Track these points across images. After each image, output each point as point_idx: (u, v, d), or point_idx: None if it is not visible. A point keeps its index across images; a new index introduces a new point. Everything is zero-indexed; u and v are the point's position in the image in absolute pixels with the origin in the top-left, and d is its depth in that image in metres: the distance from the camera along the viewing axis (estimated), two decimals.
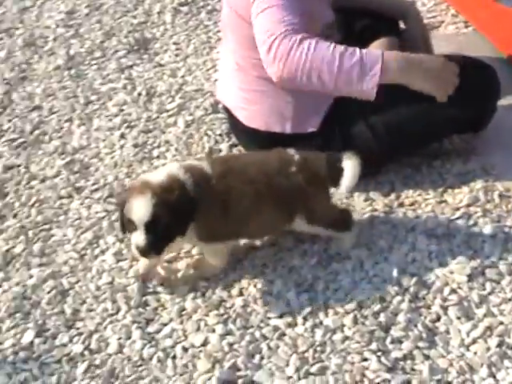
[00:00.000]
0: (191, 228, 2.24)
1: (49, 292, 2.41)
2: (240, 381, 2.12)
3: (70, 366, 2.20)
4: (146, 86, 3.18)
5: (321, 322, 2.25)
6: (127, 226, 2.21)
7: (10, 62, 3.34)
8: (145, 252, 2.18)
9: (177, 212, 2.16)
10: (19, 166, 2.88)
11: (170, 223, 2.16)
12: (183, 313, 2.31)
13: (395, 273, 2.33)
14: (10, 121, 3.06)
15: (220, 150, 2.83)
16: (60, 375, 2.18)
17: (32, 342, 2.26)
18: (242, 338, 2.22)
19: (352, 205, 2.57)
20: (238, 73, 2.63)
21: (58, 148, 2.94)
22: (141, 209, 2.14)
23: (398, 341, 2.17)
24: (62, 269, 2.48)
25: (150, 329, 2.26)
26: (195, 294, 2.35)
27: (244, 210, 2.30)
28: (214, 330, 2.25)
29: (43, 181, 2.81)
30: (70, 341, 2.26)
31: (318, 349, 2.18)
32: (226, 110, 2.77)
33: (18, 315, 2.34)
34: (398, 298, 2.27)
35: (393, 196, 2.60)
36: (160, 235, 2.17)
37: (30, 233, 2.61)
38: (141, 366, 2.19)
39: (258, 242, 2.48)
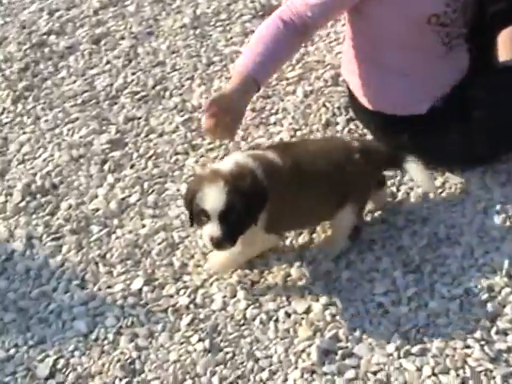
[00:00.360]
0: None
1: (159, 243, 2.48)
2: (340, 352, 2.15)
3: (175, 317, 2.26)
4: None
5: (425, 304, 2.24)
6: (198, 218, 2.13)
7: (138, 17, 3.40)
8: (219, 243, 2.10)
9: (250, 200, 2.09)
10: (139, 118, 2.94)
11: (243, 211, 2.09)
12: (288, 279, 2.34)
13: (506, 264, 2.30)
14: (133, 74, 3.13)
15: (337, 123, 2.82)
16: (165, 324, 2.25)
17: (140, 290, 2.34)
18: (345, 311, 2.23)
19: (467, 191, 2.54)
20: (351, 54, 2.67)
21: (178, 105, 2.99)
22: (215, 197, 2.07)
23: (503, 332, 2.15)
24: (173, 222, 2.54)
25: (255, 290, 2.31)
26: (301, 263, 2.37)
27: (313, 201, 2.25)
28: (317, 300, 2.27)
29: (161, 135, 2.87)
30: (177, 293, 2.32)
31: (421, 330, 2.18)
32: (347, 85, 2.78)
33: (129, 262, 2.42)
34: (507, 289, 2.24)
35: (510, 187, 2.56)
36: (235, 224, 2.10)
37: (146, 184, 2.68)
38: (243, 325, 2.23)
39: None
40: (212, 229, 2.08)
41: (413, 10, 2.45)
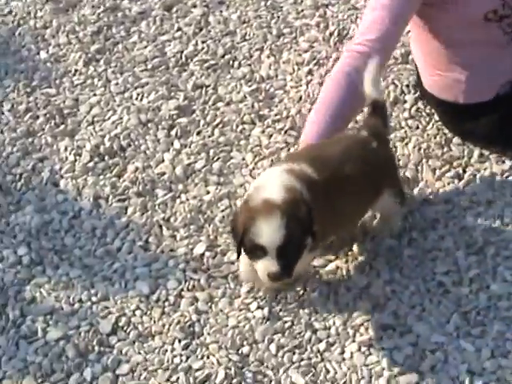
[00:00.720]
0: None
1: (223, 210, 2.50)
2: (398, 328, 2.15)
3: (235, 284, 2.29)
4: (339, 27, 3.17)
5: (487, 287, 2.23)
6: (252, 252, 2.03)
7: None
8: (278, 278, 2.02)
9: (306, 227, 2.02)
10: (208, 86, 2.96)
11: (300, 241, 2.03)
12: (349, 253, 2.34)
13: None
14: (203, 42, 3.14)
15: (405, 101, 2.81)
16: (225, 290, 2.28)
17: (203, 255, 2.37)
18: (405, 288, 2.24)
19: None
20: (415, 46, 2.70)
21: (246, 75, 3.00)
22: (272, 232, 1.96)
23: None
24: (237, 190, 2.56)
25: (316, 262, 2.32)
26: (363, 238, 2.38)
27: (352, 203, 2.18)
28: (378, 275, 2.28)
29: (228, 104, 2.88)
30: (238, 259, 2.35)
31: (482, 312, 2.17)
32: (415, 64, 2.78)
33: (192, 227, 2.46)
34: None
35: None
36: (292, 256, 2.02)
37: (211, 152, 2.70)
38: (303, 295, 2.25)
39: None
40: (270, 264, 1.99)
41: (470, 9, 2.45)
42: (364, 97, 2.29)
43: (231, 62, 3.06)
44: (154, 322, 2.23)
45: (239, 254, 2.09)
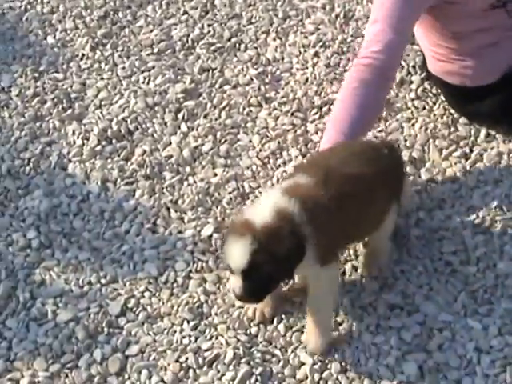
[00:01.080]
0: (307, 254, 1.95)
1: (230, 192, 2.52)
2: (406, 308, 2.16)
3: None
4: (345, 9, 3.17)
5: (494, 265, 2.25)
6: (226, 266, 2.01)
7: None
8: (241, 299, 1.98)
9: (282, 259, 1.88)
10: (214, 69, 2.96)
11: (273, 271, 1.90)
12: None
13: None
14: (209, 25, 3.14)
15: (411, 82, 2.81)
16: None
17: (210, 236, 2.38)
18: (413, 268, 2.25)
19: None
20: (420, 33, 2.68)
21: (253, 57, 3.00)
22: (237, 255, 1.88)
23: None
24: (244, 172, 2.57)
25: None
26: None
27: (362, 214, 2.07)
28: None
29: (235, 87, 2.89)
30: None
31: (489, 290, 2.18)
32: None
33: (200, 209, 2.47)
34: None
35: None
36: (260, 283, 1.92)
37: (218, 134, 2.71)
38: None
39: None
40: (235, 284, 1.93)
41: (477, 3, 2.47)
42: (378, 105, 2.34)
43: (237, 45, 3.06)
44: (163, 303, 2.25)
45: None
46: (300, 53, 3.00)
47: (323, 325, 2.08)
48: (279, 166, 2.58)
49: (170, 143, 2.69)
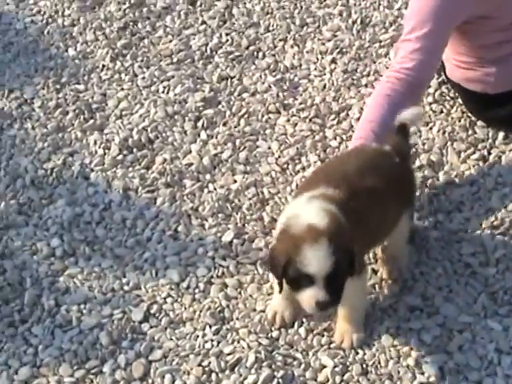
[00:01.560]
0: None
1: (250, 198, 2.54)
2: (426, 309, 2.18)
3: (263, 270, 2.33)
4: (362, 15, 3.19)
5: None
6: (296, 281, 1.94)
7: None
8: (327, 307, 1.95)
9: (349, 253, 1.93)
10: (233, 77, 3.00)
11: (347, 269, 1.94)
12: None
13: None
14: (227, 34, 3.18)
15: (429, 86, 2.82)
16: (254, 276, 2.32)
17: (231, 242, 2.41)
18: (433, 269, 2.26)
19: None
20: None
21: (271, 65, 3.03)
22: (322, 260, 1.87)
23: None
24: (263, 179, 2.60)
25: None
26: None
27: (384, 222, 2.12)
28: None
29: (254, 94, 2.92)
30: (266, 246, 2.38)
31: (509, 292, 2.19)
32: None
33: (220, 215, 2.50)
34: None
35: None
36: (341, 283, 1.94)
37: (238, 141, 2.74)
38: None
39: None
40: (317, 293, 1.90)
41: (504, 20, 2.48)
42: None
43: (255, 53, 3.09)
44: (185, 308, 2.28)
45: (281, 286, 2.00)
46: (317, 59, 3.03)
47: (358, 321, 2.13)
48: (298, 171, 2.61)
49: (190, 151, 2.72)
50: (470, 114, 2.69)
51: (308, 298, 1.92)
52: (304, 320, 2.19)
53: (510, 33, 2.49)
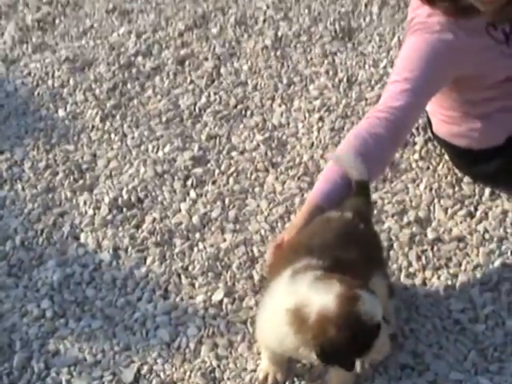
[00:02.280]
0: None
1: (240, 257, 2.55)
2: (417, 367, 2.17)
3: (254, 328, 2.33)
4: (348, 73, 3.25)
5: (503, 323, 2.26)
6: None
7: (221, 38, 3.50)
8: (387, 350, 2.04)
9: None
10: (221, 136, 3.03)
11: None
12: None
13: None
14: (215, 93, 3.22)
15: (415, 143, 2.87)
16: (244, 335, 2.32)
17: (221, 301, 2.41)
18: (422, 326, 2.26)
19: None
20: None
21: (259, 123, 3.07)
22: (378, 309, 1.88)
23: None
24: (253, 237, 2.61)
25: None
26: None
27: None
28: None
29: (242, 153, 2.95)
30: (256, 305, 2.37)
31: (499, 348, 2.19)
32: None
33: (210, 274, 2.50)
34: None
35: None
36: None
37: (227, 200, 2.76)
38: None
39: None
40: (382, 343, 1.93)
41: (494, 78, 2.50)
42: (380, 161, 2.31)
43: (243, 112, 3.14)
44: (176, 369, 2.27)
45: (353, 364, 1.94)
46: (305, 117, 3.08)
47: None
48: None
49: (180, 210, 2.74)
50: (456, 170, 2.73)
51: (376, 352, 1.93)
52: (295, 379, 2.19)
53: (497, 90, 2.51)
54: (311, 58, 3.36)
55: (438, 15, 2.32)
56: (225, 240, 2.62)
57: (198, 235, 2.64)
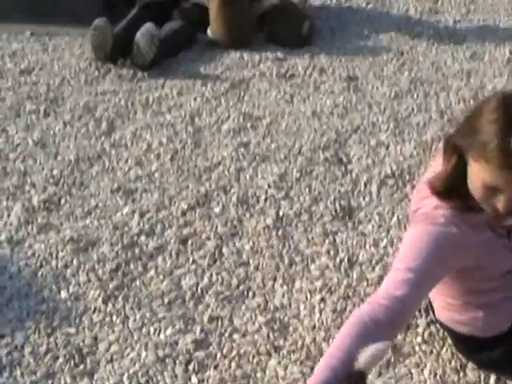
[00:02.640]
0: None
1: None
2: None
3: None
4: (349, 253, 3.29)
5: None
6: None
7: (223, 217, 3.57)
8: None
9: None
10: (223, 318, 3.03)
11: None
12: None
13: None
14: (218, 274, 3.25)
15: (417, 326, 2.86)
16: None
17: None
18: None
19: None
20: None
21: (261, 305, 3.07)
22: None
23: None
24: None
25: None
26: None
27: None
28: None
29: (244, 335, 2.94)
30: None
31: None
32: None
33: None
34: None
35: None
36: None
37: None
38: None
39: None
40: None
41: (497, 270, 2.52)
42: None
43: (245, 293, 3.15)
44: None
45: None
46: (307, 298, 3.08)
47: None
48: None
49: None
50: (460, 356, 2.70)
51: None
52: None
53: (500, 282, 2.52)
54: (312, 238, 3.41)
55: (444, 208, 2.37)
56: None
57: None
